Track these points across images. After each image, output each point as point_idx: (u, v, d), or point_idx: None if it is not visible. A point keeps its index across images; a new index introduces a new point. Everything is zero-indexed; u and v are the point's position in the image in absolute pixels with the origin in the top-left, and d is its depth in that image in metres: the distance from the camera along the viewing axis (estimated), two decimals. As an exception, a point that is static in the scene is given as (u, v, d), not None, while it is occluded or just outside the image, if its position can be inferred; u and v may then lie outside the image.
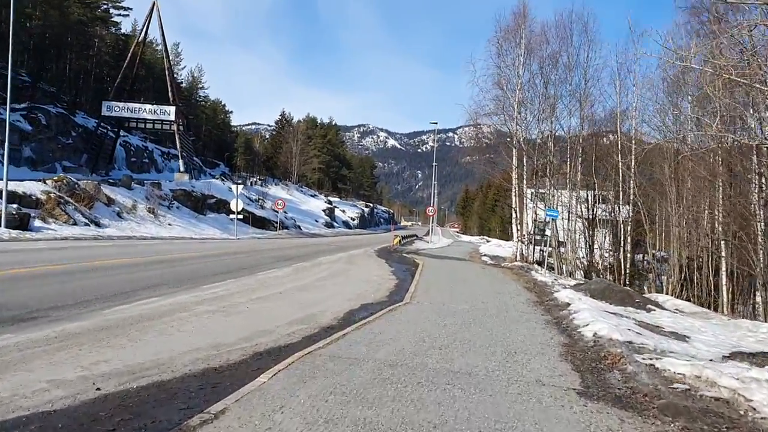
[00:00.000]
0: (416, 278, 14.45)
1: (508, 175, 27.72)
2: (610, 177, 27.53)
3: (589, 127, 27.50)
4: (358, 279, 14.03)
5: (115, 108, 48.46)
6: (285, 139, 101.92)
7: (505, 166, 28.98)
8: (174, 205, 39.90)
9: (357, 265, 18.24)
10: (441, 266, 19.74)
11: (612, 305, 12.63)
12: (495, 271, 19.35)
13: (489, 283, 14.66)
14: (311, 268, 15.90)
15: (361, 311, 8.93)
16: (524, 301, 11.08)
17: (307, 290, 11.09)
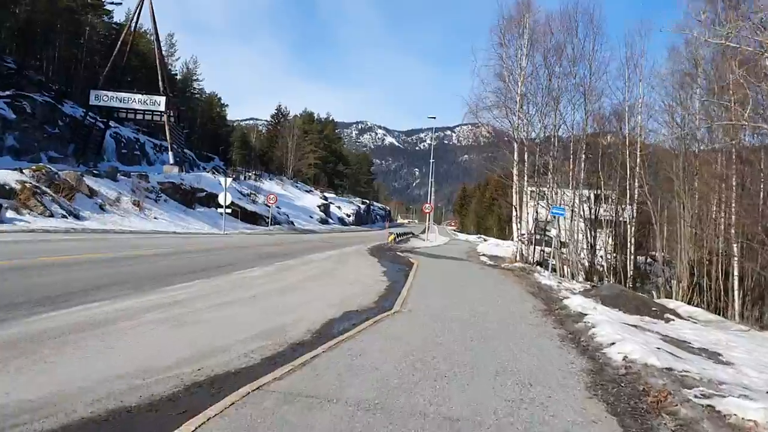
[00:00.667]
0: (410, 280, 13.12)
1: (508, 171, 26.41)
2: (614, 175, 26.32)
3: (594, 122, 26.23)
4: (345, 280, 12.69)
5: (103, 97, 46.97)
6: (280, 134, 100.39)
7: (506, 162, 27.68)
8: (161, 198, 38.50)
9: (347, 265, 16.90)
10: (437, 266, 18.42)
11: (627, 314, 11.38)
12: (495, 272, 18.04)
13: (490, 286, 13.34)
14: (296, 267, 14.55)
15: (343, 321, 7.59)
16: (531, 310, 9.75)
17: (286, 293, 9.75)
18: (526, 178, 26.78)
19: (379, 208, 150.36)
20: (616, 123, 27.11)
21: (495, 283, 14.30)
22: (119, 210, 31.39)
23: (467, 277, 15.25)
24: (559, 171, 24.75)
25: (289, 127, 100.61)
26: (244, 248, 20.08)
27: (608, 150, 26.46)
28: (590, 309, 9.61)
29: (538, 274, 18.24)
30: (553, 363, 5.71)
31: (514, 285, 14.13)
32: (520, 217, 26.64)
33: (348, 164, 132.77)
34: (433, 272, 15.91)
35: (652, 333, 8.62)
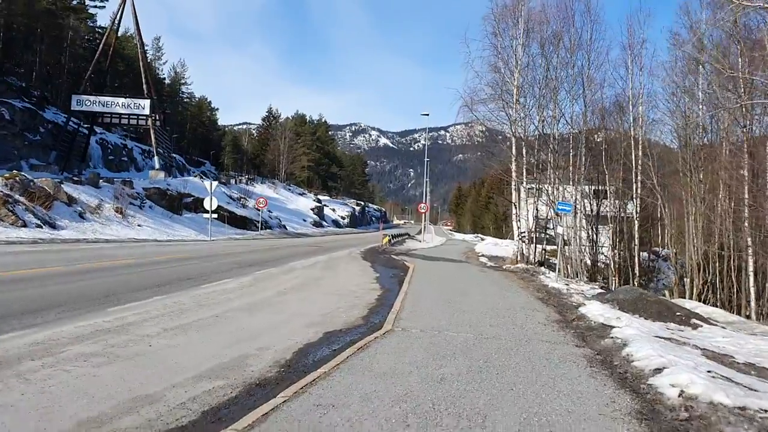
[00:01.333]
0: (404, 288, 11.73)
1: (506, 166, 25.04)
2: (616, 169, 25.05)
3: (593, 114, 24.90)
4: (332, 290, 11.28)
5: (85, 102, 45.44)
6: (272, 137, 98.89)
7: (503, 158, 26.33)
8: (146, 204, 37.08)
9: (336, 271, 15.50)
10: (434, 270, 17.03)
11: (649, 321, 10.03)
12: (497, 275, 16.65)
13: (493, 292, 11.94)
14: (277, 277, 13.14)
15: (321, 346, 6.19)
16: (545, 322, 8.36)
17: (258, 311, 8.34)
18: (525, 174, 25.46)
19: (374, 209, 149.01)
20: (616, 114, 25.86)
21: (499, 288, 12.91)
22: (100, 218, 29.94)
23: (467, 282, 13.85)
24: (560, 166, 23.41)
25: (280, 129, 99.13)
26: (226, 255, 18.66)
27: (610, 142, 25.16)
28: (613, 319, 8.24)
29: (543, 276, 16.88)
30: (588, 404, 4.31)
31: (520, 290, 12.75)
32: (519, 215, 25.26)
33: (342, 166, 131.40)
34: (430, 277, 14.53)
35: (690, 347, 7.26)
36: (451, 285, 12.89)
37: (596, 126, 25.51)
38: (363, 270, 16.19)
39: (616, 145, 25.56)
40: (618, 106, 25.80)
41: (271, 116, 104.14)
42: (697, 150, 21.74)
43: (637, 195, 23.74)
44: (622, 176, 24.88)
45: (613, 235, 26.18)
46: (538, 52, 24.52)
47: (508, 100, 24.49)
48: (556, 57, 24.15)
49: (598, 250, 26.70)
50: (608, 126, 25.16)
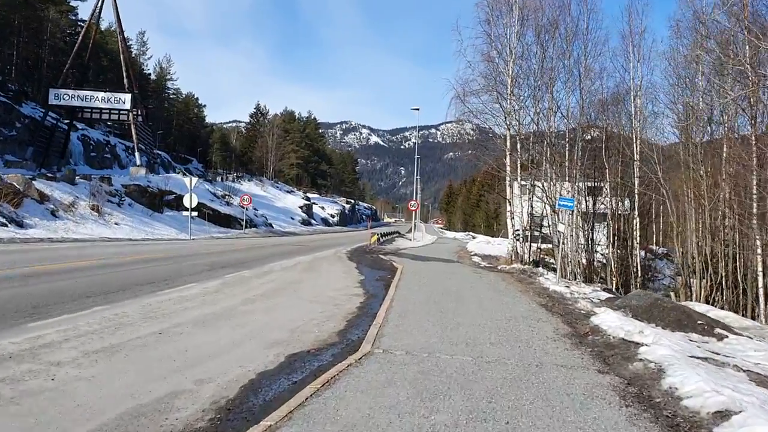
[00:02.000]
0: (391, 293, 10.42)
1: (500, 161, 23.82)
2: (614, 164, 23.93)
3: (590, 107, 23.69)
4: (309, 297, 9.95)
5: (63, 96, 43.73)
6: (260, 134, 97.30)
7: (497, 153, 25.10)
8: (125, 201, 35.55)
9: (317, 273, 14.16)
10: (424, 272, 15.70)
11: (668, 330, 8.82)
12: (492, 277, 15.36)
13: (490, 298, 10.65)
14: (250, 280, 11.77)
15: (277, 379, 4.85)
16: (554, 336, 7.07)
17: (214, 325, 6.99)
18: (519, 169, 24.25)
19: (364, 207, 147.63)
20: (615, 107, 24.68)
21: (496, 293, 11.62)
22: (74, 216, 28.41)
23: (461, 286, 12.54)
24: (556, 160, 22.19)
25: (268, 126, 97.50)
26: (200, 256, 17.27)
27: (609, 136, 23.99)
28: (635, 333, 6.96)
29: (541, 278, 15.63)
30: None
31: (519, 294, 11.47)
32: (513, 212, 24.02)
33: (331, 163, 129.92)
34: (419, 280, 13.21)
35: (732, 369, 6.01)
36: (443, 289, 11.57)
37: (594, 118, 24.35)
38: (347, 272, 14.85)
39: (615, 138, 24.46)
40: (616, 98, 24.66)
41: (259, 113, 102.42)
42: (699, 143, 20.61)
43: (636, 191, 22.62)
44: (621, 171, 23.77)
45: (611, 233, 25.05)
46: (533, 41, 23.33)
47: (502, 91, 23.27)
48: (552, 46, 22.97)
49: (595, 249, 25.60)
50: (607, 118, 23.96)
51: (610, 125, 23.70)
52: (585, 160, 22.51)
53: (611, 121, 23.99)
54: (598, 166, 23.65)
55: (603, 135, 21.77)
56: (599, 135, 24.12)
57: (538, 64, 23.05)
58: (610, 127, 23.61)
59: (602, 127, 23.96)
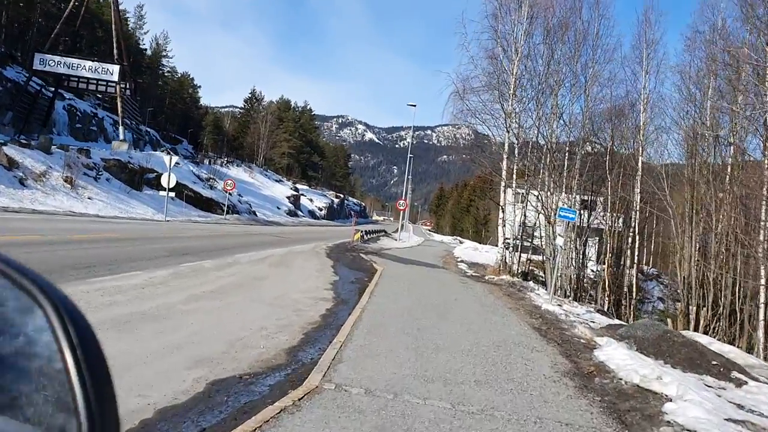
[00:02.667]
0: (363, 301, 9.10)
1: (496, 165, 22.54)
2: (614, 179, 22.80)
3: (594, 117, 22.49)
4: (269, 298, 8.60)
5: (49, 62, 41.76)
6: (253, 120, 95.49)
7: (494, 157, 23.83)
8: (103, 176, 33.96)
9: (287, 270, 12.78)
10: (406, 277, 14.36)
11: (680, 370, 7.58)
12: (479, 288, 14.06)
13: (477, 316, 9.34)
14: (208, 272, 10.38)
15: (180, 423, 3.50)
16: (553, 375, 5.77)
17: (137, 327, 5.62)
18: (515, 176, 23.03)
19: (354, 203, 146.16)
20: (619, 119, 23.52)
21: (483, 308, 10.31)
22: (44, 186, 26.87)
23: (444, 297, 11.22)
24: (556, 168, 20.95)
25: (263, 112, 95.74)
26: (166, 239, 15.83)
27: (611, 148, 22.84)
28: (653, 379, 5.67)
29: (533, 294, 14.38)
30: None
31: (509, 312, 10.17)
32: (505, 220, 22.77)
33: (324, 156, 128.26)
34: (398, 287, 11.88)
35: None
36: (424, 300, 10.25)
37: (598, 128, 23.17)
38: (321, 270, 13.50)
39: (618, 151, 23.37)
40: (622, 109, 23.50)
41: (253, 98, 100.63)
42: (705, 162, 19.51)
43: (637, 207, 21.50)
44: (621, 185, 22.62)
45: (607, 250, 23.91)
46: (540, 41, 22.07)
47: (505, 91, 22.01)
48: (559, 49, 21.75)
49: (586, 265, 24.48)
50: (612, 129, 22.79)
51: (614, 137, 22.55)
52: (585, 171, 21.32)
53: (616, 132, 22.82)
54: (597, 179, 22.51)
55: (608, 144, 20.52)
56: (603, 145, 22.97)
57: (544, 66, 21.81)
58: (614, 139, 22.46)
59: (606, 137, 22.84)
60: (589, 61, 21.53)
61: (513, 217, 23.48)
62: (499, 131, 22.10)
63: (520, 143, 21.74)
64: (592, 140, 22.87)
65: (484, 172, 25.26)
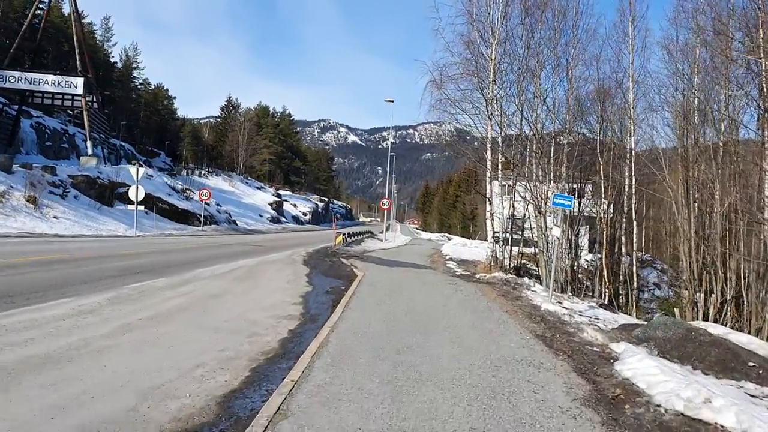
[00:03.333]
0: (335, 316, 7.74)
1: (480, 155, 21.28)
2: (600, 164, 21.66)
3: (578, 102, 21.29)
4: (218, 321, 7.19)
5: (9, 78, 39.97)
6: (231, 128, 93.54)
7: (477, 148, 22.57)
8: (70, 193, 32.30)
9: (253, 283, 11.34)
10: (388, 282, 12.97)
11: (713, 376, 6.35)
12: (470, 289, 12.71)
13: (470, 326, 7.96)
14: (155, 294, 8.93)
15: None
16: (569, 406, 4.43)
17: (18, 380, 4.23)
18: (501, 166, 21.77)
19: (339, 206, 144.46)
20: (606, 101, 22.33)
21: (476, 315, 8.95)
22: (4, 207, 25.17)
23: (431, 304, 9.85)
24: (544, 155, 19.69)
25: (240, 119, 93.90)
26: (122, 257, 14.30)
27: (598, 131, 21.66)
28: (699, 403, 4.36)
29: (529, 291, 13.08)
30: None
31: (507, 318, 8.83)
32: (493, 213, 21.50)
33: (306, 161, 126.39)
34: (379, 295, 10.50)
35: None
36: (407, 310, 8.89)
37: (584, 111, 21.97)
38: (293, 281, 12.09)
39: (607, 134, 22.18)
40: (606, 91, 22.31)
41: (230, 105, 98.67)
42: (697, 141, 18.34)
43: (633, 190, 20.31)
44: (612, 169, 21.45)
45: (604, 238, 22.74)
46: (518, 22, 20.81)
47: (484, 77, 20.77)
48: (539, 31, 20.50)
49: (579, 255, 23.31)
50: (600, 111, 21.58)
51: (603, 119, 21.35)
52: (575, 156, 20.10)
53: (604, 114, 21.63)
54: (587, 164, 21.31)
55: (597, 127, 19.31)
56: (591, 129, 21.79)
57: (524, 49, 20.54)
58: (603, 121, 21.26)
59: (593, 121, 21.66)
60: (570, 41, 20.33)
61: (501, 209, 22.25)
62: (481, 119, 20.87)
63: (504, 131, 20.50)
64: (579, 124, 21.68)
65: (468, 165, 23.97)
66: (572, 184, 21.74)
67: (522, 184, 21.69)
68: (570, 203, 10.78)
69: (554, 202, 10.74)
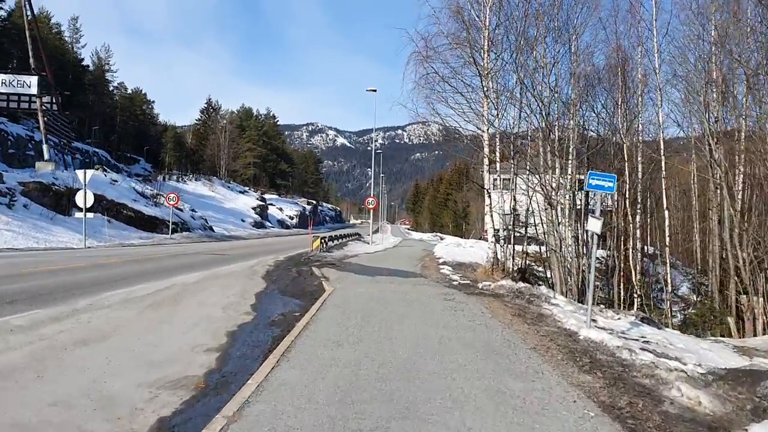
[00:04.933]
0: (262, 374, 4.58)
1: (477, 139, 18.13)
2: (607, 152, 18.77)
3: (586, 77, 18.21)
4: (35, 407, 4.02)
5: (-47, 79, 36.59)
6: (212, 131, 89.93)
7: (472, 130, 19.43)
8: (19, 202, 28.98)
9: (169, 313, 8.04)
10: (364, 303, 9.70)
11: None
12: (474, 308, 9.50)
13: (483, 389, 4.77)
14: (34, 329, 5.74)
15: None
16: None
17: None
18: (500, 152, 18.71)
19: (328, 208, 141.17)
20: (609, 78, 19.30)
21: (492, 362, 5.74)
22: (-69, 220, 21.91)
23: (422, 343, 6.58)
24: (548, 138, 16.59)
25: (221, 122, 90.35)
26: (28, 277, 11.05)
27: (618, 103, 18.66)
28: None
29: (551, 306, 9.93)
30: None
31: (538, 361, 5.66)
32: (492, 206, 18.38)
33: (292, 163, 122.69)
34: (345, 325, 7.29)
35: None
36: (382, 361, 5.66)
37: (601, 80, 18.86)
38: (232, 306, 8.85)
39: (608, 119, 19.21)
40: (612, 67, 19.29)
41: (210, 108, 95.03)
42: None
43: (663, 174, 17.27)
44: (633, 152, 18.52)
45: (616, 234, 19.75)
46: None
47: (477, 47, 17.67)
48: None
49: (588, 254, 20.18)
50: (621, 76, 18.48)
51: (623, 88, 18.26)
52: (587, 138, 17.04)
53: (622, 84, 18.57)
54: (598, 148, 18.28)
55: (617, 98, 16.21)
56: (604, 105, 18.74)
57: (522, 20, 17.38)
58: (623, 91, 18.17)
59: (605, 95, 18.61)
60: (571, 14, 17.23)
61: (501, 203, 19.18)
62: (476, 97, 17.74)
63: (503, 110, 17.40)
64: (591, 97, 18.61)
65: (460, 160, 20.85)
66: (579, 176, 18.70)
67: (524, 175, 18.63)
68: (612, 184, 7.65)
69: (589, 184, 7.61)
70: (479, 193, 67.07)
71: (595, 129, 19.21)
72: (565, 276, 15.72)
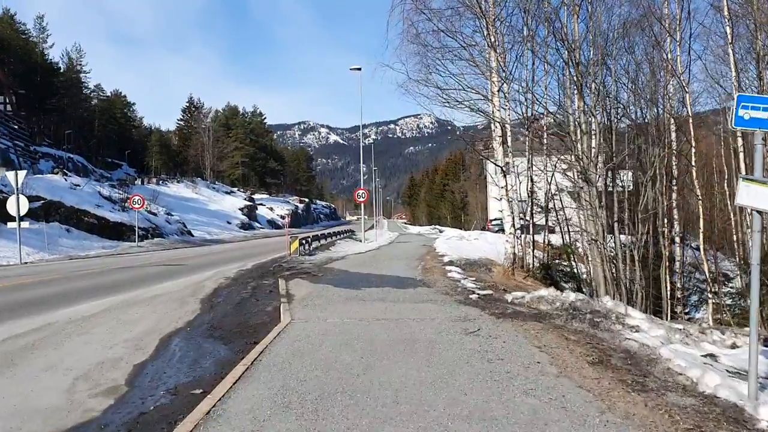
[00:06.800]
0: None
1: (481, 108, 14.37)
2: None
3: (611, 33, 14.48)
4: None
5: None
6: (195, 131, 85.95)
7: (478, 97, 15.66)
8: (-44, 213, 25.19)
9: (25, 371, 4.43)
10: (334, 348, 5.96)
11: None
12: (515, 347, 5.79)
13: None
14: None
15: None
16: None
17: None
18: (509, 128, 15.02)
19: (322, 206, 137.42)
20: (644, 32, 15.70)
21: None
22: None
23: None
24: (581, 92, 12.90)
25: (204, 121, 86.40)
26: None
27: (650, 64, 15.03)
28: None
29: (624, 328, 6.22)
30: None
31: None
32: (508, 189, 14.61)
33: (282, 161, 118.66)
34: (283, 417, 3.64)
35: None
36: None
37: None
38: (107, 363, 5.15)
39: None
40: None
41: (192, 107, 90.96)
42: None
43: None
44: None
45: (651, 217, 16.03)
46: None
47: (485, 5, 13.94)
48: None
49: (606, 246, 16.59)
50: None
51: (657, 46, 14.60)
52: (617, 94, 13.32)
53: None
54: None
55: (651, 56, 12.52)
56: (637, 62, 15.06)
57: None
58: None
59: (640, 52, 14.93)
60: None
61: (518, 185, 15.49)
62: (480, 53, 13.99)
63: (515, 61, 13.67)
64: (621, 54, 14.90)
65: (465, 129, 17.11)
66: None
67: (544, 150, 14.91)
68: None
69: (738, 118, 3.95)
70: (477, 181, 63.57)
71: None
72: (611, 273, 12.01)
